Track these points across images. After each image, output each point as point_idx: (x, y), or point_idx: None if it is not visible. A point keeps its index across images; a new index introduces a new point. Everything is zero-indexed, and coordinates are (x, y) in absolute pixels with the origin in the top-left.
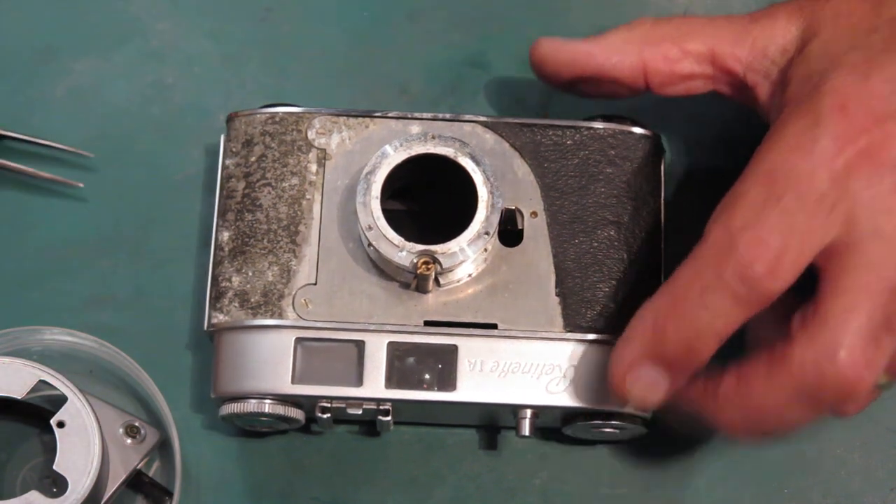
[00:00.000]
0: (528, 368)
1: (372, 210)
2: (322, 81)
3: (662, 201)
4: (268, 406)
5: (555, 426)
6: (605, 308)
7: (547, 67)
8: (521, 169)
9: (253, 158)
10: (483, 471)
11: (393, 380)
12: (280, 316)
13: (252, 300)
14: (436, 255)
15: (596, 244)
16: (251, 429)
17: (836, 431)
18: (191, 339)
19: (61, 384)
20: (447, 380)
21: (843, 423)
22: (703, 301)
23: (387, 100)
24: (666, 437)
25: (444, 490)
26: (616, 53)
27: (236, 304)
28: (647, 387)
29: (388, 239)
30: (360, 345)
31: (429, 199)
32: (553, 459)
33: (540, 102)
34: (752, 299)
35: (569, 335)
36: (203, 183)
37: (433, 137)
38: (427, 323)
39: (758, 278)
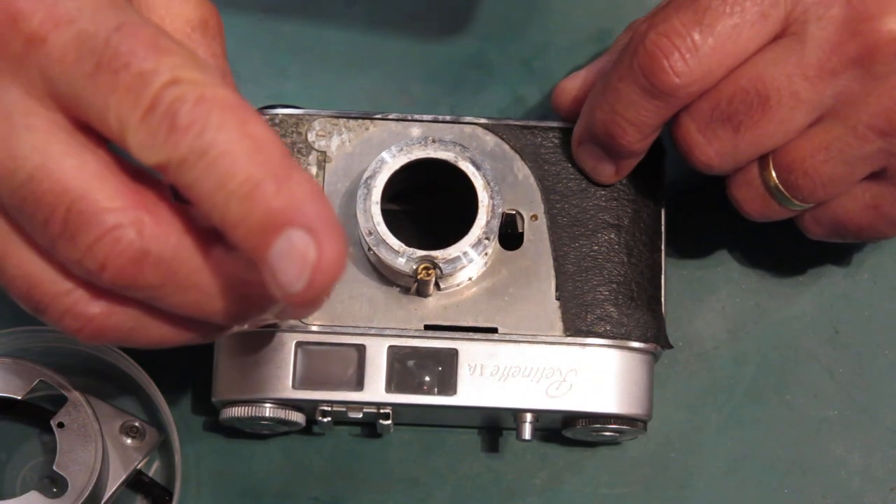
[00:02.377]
0: (529, 372)
1: (372, 215)
2: (322, 82)
3: (663, 204)
4: (268, 410)
5: (555, 428)
6: (606, 311)
7: (558, 112)
8: (522, 171)
9: None
10: (483, 471)
11: (393, 384)
12: None
13: None
14: (436, 261)
15: (596, 247)
16: (252, 431)
17: (836, 431)
18: None
19: (61, 384)
20: (447, 384)
21: (844, 423)
22: (617, 88)
23: (387, 100)
24: (666, 438)
25: (444, 490)
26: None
27: None
28: (589, 162)
29: (388, 244)
30: (360, 349)
31: (429, 203)
32: (553, 460)
33: (540, 104)
34: (654, 91)
35: (569, 339)
36: None
37: (433, 142)
38: (427, 327)
39: (656, 71)
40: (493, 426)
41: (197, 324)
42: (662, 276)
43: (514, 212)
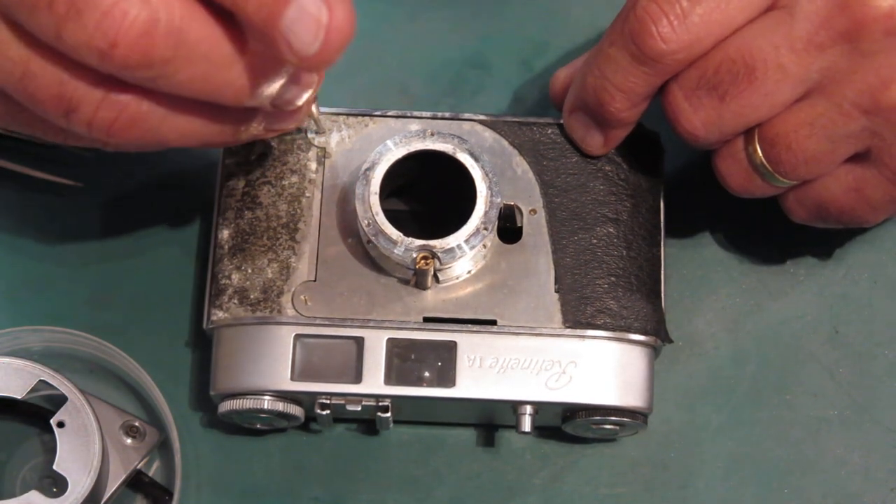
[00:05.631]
0: (528, 364)
1: (371, 205)
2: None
3: (661, 199)
4: (267, 402)
5: (554, 424)
6: (605, 304)
7: (555, 102)
8: (521, 167)
9: (253, 157)
10: (483, 470)
11: (392, 376)
12: (279, 312)
13: (251, 297)
14: (434, 250)
15: (595, 241)
16: (250, 427)
17: (836, 431)
18: (191, 338)
19: (61, 384)
20: (446, 376)
21: (843, 423)
22: (608, 54)
23: (387, 100)
24: (666, 437)
25: (444, 490)
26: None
27: (236, 301)
28: (579, 132)
29: (386, 234)
30: (359, 341)
31: (428, 197)
32: (553, 459)
33: (540, 103)
34: (642, 57)
35: (568, 331)
36: (203, 181)
37: (432, 134)
38: (426, 319)
39: (644, 36)
40: (492, 422)
41: (214, 108)
42: (662, 271)
43: (512, 205)
